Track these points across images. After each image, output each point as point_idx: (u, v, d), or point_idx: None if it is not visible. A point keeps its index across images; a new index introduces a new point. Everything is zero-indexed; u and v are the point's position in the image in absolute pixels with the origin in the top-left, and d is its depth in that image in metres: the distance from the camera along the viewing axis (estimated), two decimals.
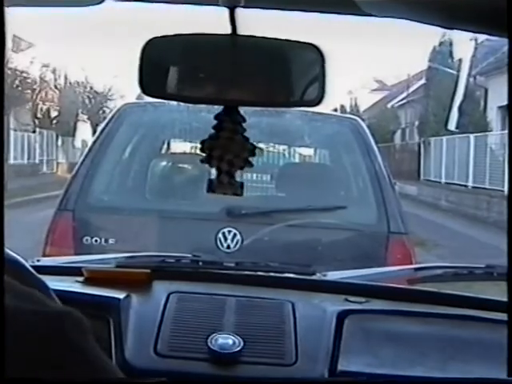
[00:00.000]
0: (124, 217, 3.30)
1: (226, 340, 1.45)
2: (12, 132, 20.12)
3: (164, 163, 3.83)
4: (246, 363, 1.44)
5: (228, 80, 1.05)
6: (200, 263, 1.89)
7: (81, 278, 1.64)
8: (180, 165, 3.77)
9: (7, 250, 1.15)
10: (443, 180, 20.12)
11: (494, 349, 1.40)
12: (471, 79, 18.39)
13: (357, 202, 3.56)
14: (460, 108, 14.29)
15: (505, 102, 17.10)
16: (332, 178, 3.68)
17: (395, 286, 1.79)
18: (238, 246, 3.18)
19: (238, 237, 3.18)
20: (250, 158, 1.09)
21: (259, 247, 3.16)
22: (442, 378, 1.45)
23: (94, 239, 3.20)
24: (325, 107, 3.66)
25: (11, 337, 0.50)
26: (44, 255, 3.12)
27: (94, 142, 3.51)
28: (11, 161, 20.41)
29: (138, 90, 1.05)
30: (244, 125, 1.09)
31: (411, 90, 28.04)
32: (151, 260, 1.93)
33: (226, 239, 3.19)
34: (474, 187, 17.29)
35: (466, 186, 17.89)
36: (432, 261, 8.23)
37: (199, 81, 1.07)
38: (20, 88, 19.27)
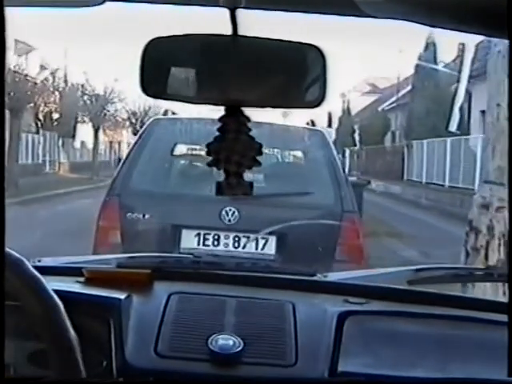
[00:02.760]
0: (155, 199, 4.47)
1: (226, 341, 1.41)
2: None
3: (183, 162, 5.11)
4: (246, 364, 1.40)
5: (229, 81, 1.02)
6: (201, 264, 1.85)
7: (81, 279, 1.61)
8: (194, 163, 4.85)
9: (8, 250, 1.11)
10: (424, 180, 21.30)
11: (493, 350, 1.36)
12: (455, 84, 18.59)
13: (320, 189, 4.65)
14: (461, 109, 14.42)
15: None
16: (303, 172, 4.98)
17: (395, 287, 1.75)
18: (236, 219, 4.30)
19: (236, 213, 4.29)
20: (258, 157, 1.05)
21: (251, 221, 4.28)
22: (442, 378, 1.41)
23: (134, 215, 4.34)
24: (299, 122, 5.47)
25: None
26: (97, 228, 4.36)
27: (132, 147, 4.75)
28: None
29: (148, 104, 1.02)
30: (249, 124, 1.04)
31: (401, 93, 28.10)
32: (152, 260, 1.89)
33: (227, 215, 4.30)
34: (450, 186, 18.36)
35: (443, 185, 18.98)
36: (407, 249, 9.11)
37: (200, 81, 1.03)
38: (29, 92, 19.13)
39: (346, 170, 26.71)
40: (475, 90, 18.24)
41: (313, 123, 5.12)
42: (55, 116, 24.27)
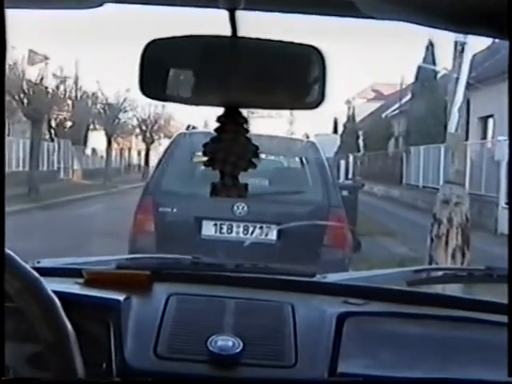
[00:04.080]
0: (181, 196, 5.46)
1: (225, 342, 1.38)
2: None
3: (202, 167, 6.08)
4: (245, 365, 1.37)
5: (228, 82, 0.99)
6: (200, 265, 1.80)
7: (81, 280, 1.57)
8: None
9: (7, 251, 1.07)
10: (420, 184, 21.77)
11: (493, 351, 1.32)
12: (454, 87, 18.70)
13: (311, 188, 5.69)
14: (460, 111, 14.66)
15: (485, 113, 17.48)
16: (298, 175, 6.00)
17: (394, 288, 1.72)
18: (245, 212, 5.31)
19: (246, 207, 5.31)
20: (254, 159, 1.01)
21: (257, 213, 5.31)
22: (442, 378, 1.37)
23: (165, 209, 5.36)
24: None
25: None
26: (135, 219, 5.41)
27: (162, 156, 5.83)
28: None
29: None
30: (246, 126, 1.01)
31: (404, 100, 28.05)
32: (151, 262, 1.86)
33: (238, 208, 5.31)
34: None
35: (437, 188, 19.33)
36: (398, 246, 10.00)
37: (199, 83, 1.00)
38: (48, 103, 19.19)
39: (350, 175, 27.36)
40: (473, 97, 18.35)
41: (307, 136, 6.13)
42: (68, 124, 24.33)
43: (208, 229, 5.37)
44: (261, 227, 5.37)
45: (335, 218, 5.38)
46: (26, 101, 17.89)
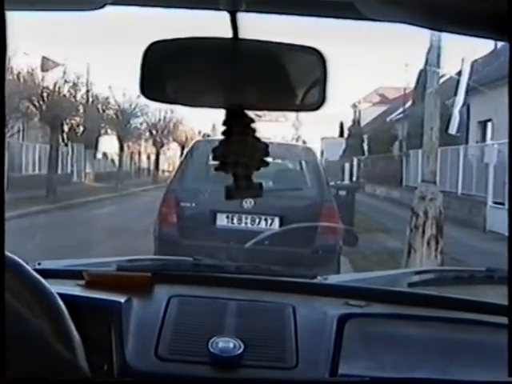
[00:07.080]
0: (199, 193, 6.22)
1: (226, 343, 1.34)
2: (48, 146, 20.03)
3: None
4: (246, 366, 1.33)
5: (229, 84, 0.96)
6: (201, 267, 1.76)
7: (82, 282, 1.53)
8: None
9: (8, 254, 1.04)
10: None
11: (493, 352, 1.28)
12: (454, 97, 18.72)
13: (308, 186, 6.65)
14: (461, 112, 14.59)
15: (484, 118, 17.58)
16: (297, 175, 7.04)
17: (395, 290, 1.68)
18: (252, 206, 6.06)
19: (253, 202, 6.02)
20: (265, 158, 0.97)
21: (262, 207, 6.02)
22: (443, 379, 1.34)
23: (185, 204, 6.17)
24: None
25: None
26: (160, 212, 6.25)
27: (183, 160, 6.77)
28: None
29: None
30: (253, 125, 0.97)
31: (407, 104, 27.96)
32: (152, 263, 1.82)
33: (246, 203, 6.04)
34: (439, 191, 18.82)
35: None
36: (392, 241, 10.47)
37: (200, 85, 0.97)
38: (65, 109, 19.22)
39: (354, 177, 27.53)
40: (473, 102, 18.35)
41: (304, 142, 7.60)
42: (81, 129, 24.39)
43: (221, 220, 6.21)
44: (265, 218, 6.24)
45: (328, 210, 6.30)
46: (44, 107, 18.02)
